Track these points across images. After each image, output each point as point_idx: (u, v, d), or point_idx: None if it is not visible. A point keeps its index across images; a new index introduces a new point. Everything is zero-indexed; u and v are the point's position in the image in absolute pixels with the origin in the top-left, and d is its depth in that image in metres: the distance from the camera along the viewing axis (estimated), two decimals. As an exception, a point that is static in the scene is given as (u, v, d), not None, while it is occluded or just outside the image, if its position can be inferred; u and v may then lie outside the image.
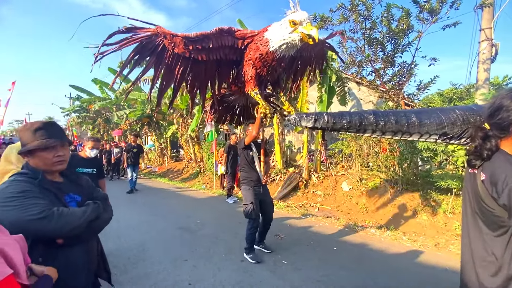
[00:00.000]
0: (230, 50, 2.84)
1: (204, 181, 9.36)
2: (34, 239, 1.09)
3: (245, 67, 2.88)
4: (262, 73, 2.89)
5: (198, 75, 2.90)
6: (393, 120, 1.36)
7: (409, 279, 2.83)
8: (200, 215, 5.25)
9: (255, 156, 3.38)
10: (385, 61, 5.73)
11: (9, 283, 0.77)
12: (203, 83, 3.04)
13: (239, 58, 2.97)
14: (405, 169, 5.46)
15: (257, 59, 2.76)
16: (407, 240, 4.01)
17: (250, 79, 2.89)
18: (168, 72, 2.69)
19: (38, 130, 1.17)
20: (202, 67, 2.85)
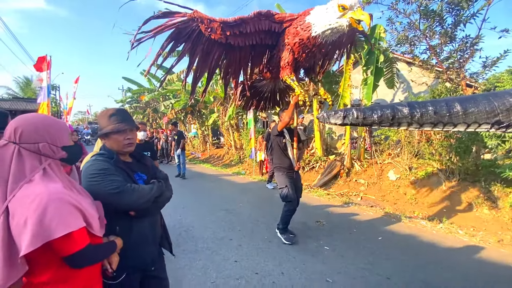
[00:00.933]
0: (267, 34, 2.78)
1: (244, 167, 9.65)
2: (112, 211, 1.28)
3: (282, 52, 2.81)
4: (300, 59, 2.81)
5: (232, 61, 2.90)
6: (431, 111, 1.24)
7: (466, 274, 2.62)
8: (241, 199, 5.48)
9: (288, 143, 3.36)
10: (443, 36, 5.10)
11: (82, 233, 0.98)
12: (237, 69, 3.03)
13: (274, 42, 2.90)
14: (464, 157, 4.90)
15: (296, 44, 2.67)
16: (464, 234, 3.67)
17: (287, 65, 2.82)
18: (203, 59, 2.70)
19: (112, 116, 1.35)
20: (237, 53, 2.82)
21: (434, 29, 5.29)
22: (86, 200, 1.09)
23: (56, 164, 1.04)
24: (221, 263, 2.84)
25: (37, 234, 0.85)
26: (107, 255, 1.14)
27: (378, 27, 6.34)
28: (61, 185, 0.98)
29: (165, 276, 1.54)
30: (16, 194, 0.90)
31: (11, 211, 0.88)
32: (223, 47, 2.70)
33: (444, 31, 5.08)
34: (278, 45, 2.88)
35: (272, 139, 3.56)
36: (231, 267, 2.76)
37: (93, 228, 1.03)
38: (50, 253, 0.93)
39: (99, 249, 1.08)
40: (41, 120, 1.04)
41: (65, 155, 1.05)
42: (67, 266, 0.97)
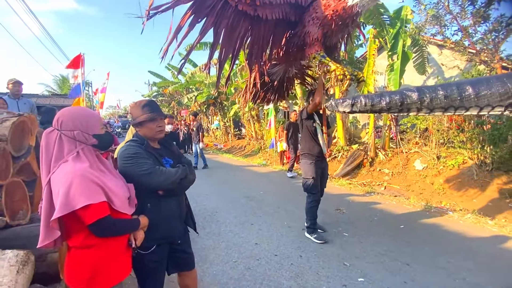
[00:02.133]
0: (291, 8, 2.61)
1: (265, 157, 9.78)
2: (143, 190, 1.45)
3: (308, 28, 2.63)
4: (330, 33, 2.67)
5: (256, 40, 2.71)
6: (442, 95, 1.25)
7: (492, 264, 2.55)
8: (262, 187, 5.63)
9: (318, 127, 3.13)
10: (475, 16, 4.71)
11: (102, 206, 1.12)
12: (259, 50, 2.82)
13: (297, 18, 2.72)
14: (499, 146, 4.60)
15: (328, 17, 2.52)
16: (493, 224, 3.51)
17: (315, 41, 2.65)
18: (228, 36, 2.49)
19: (145, 106, 1.51)
20: (262, 28, 2.64)
21: (466, 8, 4.90)
22: (115, 180, 1.27)
23: (88, 149, 1.22)
24: (242, 245, 3.02)
25: (64, 204, 1.05)
26: (129, 229, 1.29)
27: (404, 8, 6.02)
28: (88, 165, 1.16)
29: (191, 251, 1.71)
30: (56, 171, 1.12)
31: (52, 183, 1.11)
32: (249, 21, 2.48)
33: (477, 10, 4.69)
34: (302, 21, 2.70)
35: (301, 124, 3.29)
36: (252, 248, 2.93)
37: (115, 204, 1.19)
38: (78, 221, 1.13)
39: (120, 223, 1.23)
40: (77, 112, 1.25)
41: (96, 141, 1.24)
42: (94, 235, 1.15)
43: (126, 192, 1.31)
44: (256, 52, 2.80)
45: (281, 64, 3.47)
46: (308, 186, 3.12)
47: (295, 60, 3.39)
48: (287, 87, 4.08)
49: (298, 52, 3.08)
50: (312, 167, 3.12)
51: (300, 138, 3.41)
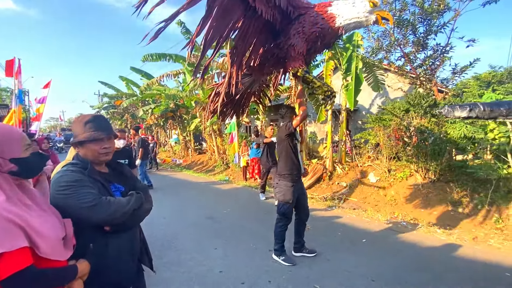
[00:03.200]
0: (280, 14, 2.53)
1: (227, 173, 9.53)
2: (85, 226, 1.17)
3: (293, 40, 2.58)
4: (313, 49, 2.71)
5: (243, 36, 2.54)
6: None
7: (445, 272, 2.71)
8: (226, 206, 5.37)
9: (298, 144, 2.98)
10: (416, 45, 5.39)
11: (21, 254, 0.85)
12: (242, 50, 2.63)
13: (280, 28, 2.65)
14: (438, 159, 5.15)
15: (314, 34, 2.54)
16: (441, 233, 3.82)
17: (300, 55, 2.62)
18: (219, 17, 2.29)
19: (88, 123, 1.25)
20: (251, 26, 2.50)
21: (408, 37, 5.57)
22: (44, 216, 0.98)
23: (4, 178, 0.94)
24: (206, 274, 2.73)
25: None
26: (62, 281, 0.99)
27: (355, 34, 6.58)
28: (3, 199, 0.88)
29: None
30: None
31: None
32: (243, 11, 2.36)
33: (417, 39, 5.37)
34: (287, 33, 2.61)
35: (281, 141, 3.00)
36: (216, 277, 2.66)
37: (41, 249, 0.90)
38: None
39: (48, 274, 0.94)
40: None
41: (15, 167, 0.96)
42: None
43: (60, 231, 1.02)
44: (238, 51, 2.62)
45: (251, 75, 3.26)
46: (285, 211, 2.93)
47: (266, 73, 3.31)
48: (244, 104, 3.80)
49: (275, 64, 2.98)
50: (292, 190, 2.91)
51: (279, 158, 3.05)
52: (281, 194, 2.96)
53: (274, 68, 3.24)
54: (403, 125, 5.79)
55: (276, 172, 3.10)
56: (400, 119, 5.76)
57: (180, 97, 11.49)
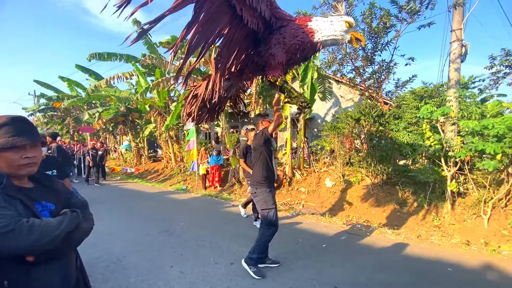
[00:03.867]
0: (263, 24, 2.57)
1: (185, 182, 9.06)
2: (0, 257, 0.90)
3: (274, 50, 2.66)
4: (292, 60, 2.82)
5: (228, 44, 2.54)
6: None
7: (399, 272, 2.88)
8: (183, 217, 5.03)
9: (273, 150, 3.01)
10: (365, 59, 5.87)
11: None
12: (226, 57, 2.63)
13: (262, 37, 2.70)
14: (385, 164, 5.63)
15: (294, 46, 2.66)
16: (391, 233, 4.12)
17: (279, 65, 2.71)
18: (205, 23, 2.24)
19: (3, 127, 0.97)
20: (236, 34, 2.50)
21: (358, 52, 6.06)
22: None
23: None
24: (160, 297, 2.44)
25: None
26: None
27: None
28: None
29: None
30: None
31: None
32: (230, 19, 2.34)
33: (366, 55, 5.86)
34: (268, 42, 2.68)
35: (257, 147, 2.93)
36: (172, 300, 2.40)
37: None
38: None
39: None
40: None
41: None
42: None
43: None
44: (223, 57, 2.60)
45: (230, 80, 3.27)
46: (272, 218, 2.79)
47: (245, 80, 3.36)
48: (219, 108, 3.82)
49: (254, 72, 3.03)
50: (272, 194, 2.85)
51: (255, 165, 2.98)
52: (262, 202, 2.85)
53: (253, 75, 3.31)
54: (355, 133, 6.22)
55: (251, 181, 3.02)
56: (352, 127, 6.18)
57: (132, 101, 10.67)
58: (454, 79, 5.94)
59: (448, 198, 4.52)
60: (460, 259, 3.22)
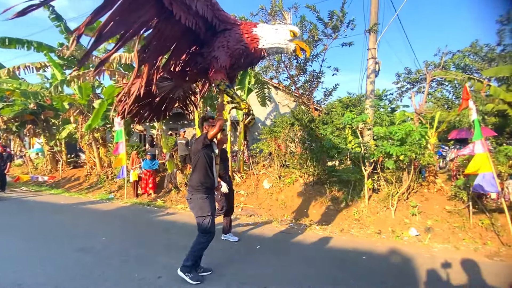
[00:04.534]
0: (204, 25, 2.50)
1: (113, 189, 8.11)
2: None
3: (217, 53, 2.60)
4: (236, 65, 2.75)
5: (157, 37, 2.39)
6: None
7: (323, 264, 3.12)
8: (106, 231, 4.45)
9: (214, 157, 2.88)
10: (298, 69, 6.29)
11: None
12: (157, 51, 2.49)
13: (205, 39, 2.64)
14: (316, 165, 6.12)
15: (238, 51, 2.62)
16: (319, 229, 4.47)
17: (222, 68, 2.64)
18: (124, 11, 2.03)
19: None
20: (168, 29, 2.36)
21: (292, 62, 6.47)
22: None
23: None
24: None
25: None
26: None
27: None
28: None
29: None
30: None
31: None
32: (157, 11, 2.18)
33: (299, 64, 6.30)
34: (212, 44, 2.64)
35: (196, 152, 2.84)
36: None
37: None
38: None
39: None
40: None
41: None
42: None
43: None
44: (152, 51, 2.44)
45: (172, 80, 3.11)
46: (207, 225, 2.69)
47: (189, 81, 3.18)
48: (166, 108, 3.67)
49: (197, 74, 2.89)
50: (208, 202, 2.75)
51: (193, 170, 2.90)
52: (197, 209, 2.73)
53: (197, 77, 3.18)
54: (290, 137, 6.60)
55: (188, 187, 2.91)
56: (287, 131, 6.54)
57: (45, 96, 9.06)
58: (370, 91, 6.89)
59: (366, 194, 5.17)
60: (372, 247, 3.70)
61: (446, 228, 4.27)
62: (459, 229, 4.21)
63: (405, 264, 3.18)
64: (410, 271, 2.98)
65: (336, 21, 5.64)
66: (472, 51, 7.58)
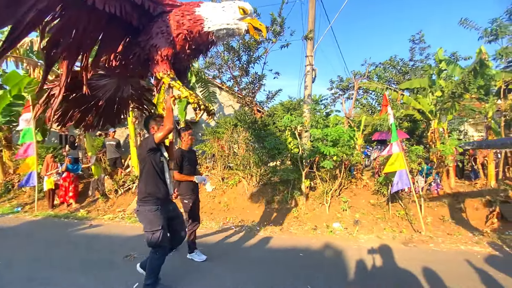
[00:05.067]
0: (134, 9, 2.08)
1: (21, 200, 6.71)
2: None
3: (156, 41, 2.22)
4: (183, 56, 2.36)
5: (70, 26, 1.95)
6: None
7: (263, 265, 3.10)
8: (5, 253, 3.60)
9: (165, 162, 2.50)
10: (241, 70, 6.28)
11: None
12: (74, 44, 2.06)
13: (141, 26, 2.24)
14: (259, 166, 6.17)
15: (181, 36, 2.23)
16: (260, 230, 4.47)
17: (164, 59, 2.25)
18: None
19: None
20: (84, 16, 1.93)
21: (235, 62, 6.42)
22: None
23: None
24: None
25: None
26: None
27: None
28: None
29: None
30: None
31: None
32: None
33: (242, 65, 6.29)
34: (149, 31, 2.25)
35: (142, 158, 2.47)
36: None
37: None
38: None
39: None
40: None
41: None
42: None
43: None
44: (66, 46, 2.01)
45: (113, 78, 2.65)
46: (156, 240, 2.32)
47: (133, 76, 2.73)
48: (119, 110, 3.14)
49: (139, 67, 2.49)
50: (158, 214, 2.38)
51: (140, 178, 2.53)
52: (146, 223, 2.38)
53: (141, 71, 2.67)
54: (233, 138, 6.52)
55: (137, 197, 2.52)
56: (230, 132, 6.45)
57: None
58: (307, 96, 7.32)
59: (304, 192, 5.43)
60: (309, 243, 3.86)
61: (371, 219, 4.78)
62: (381, 220, 4.75)
63: (337, 257, 3.39)
64: (341, 264, 3.19)
65: (276, 26, 5.82)
66: (391, 64, 8.83)
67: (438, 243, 3.87)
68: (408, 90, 7.87)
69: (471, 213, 4.82)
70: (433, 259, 3.28)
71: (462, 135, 8.49)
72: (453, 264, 3.16)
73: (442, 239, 4.01)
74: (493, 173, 5.77)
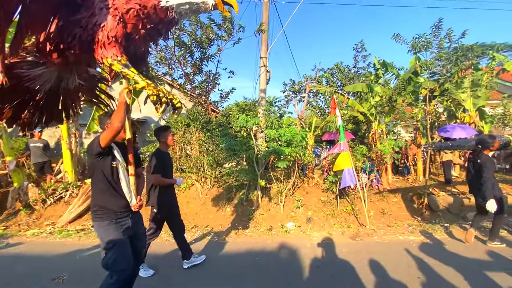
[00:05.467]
0: None
1: None
2: None
3: (101, 18, 1.78)
4: (135, 35, 1.88)
5: None
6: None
7: (219, 272, 2.94)
8: None
9: (121, 167, 2.07)
10: (194, 67, 5.98)
11: None
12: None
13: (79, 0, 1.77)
14: (214, 168, 5.96)
15: (132, 12, 1.79)
16: (214, 235, 4.28)
17: (112, 40, 1.79)
18: None
19: None
20: None
21: (187, 59, 6.09)
22: None
23: None
24: None
25: None
26: None
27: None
28: None
29: None
30: None
31: None
32: None
33: (194, 62, 5.99)
34: (91, 6, 1.79)
35: (90, 163, 2.09)
36: None
37: None
38: None
39: None
40: None
41: None
42: None
43: None
44: None
45: (51, 66, 2.09)
46: (111, 261, 1.95)
47: (78, 63, 2.16)
48: (67, 104, 2.54)
49: (82, 51, 1.95)
50: (112, 230, 2.01)
51: (93, 187, 2.13)
52: (100, 240, 2.04)
53: (86, 57, 2.07)
54: (186, 139, 6.17)
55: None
56: (182, 132, 6.09)
57: None
58: (261, 97, 7.37)
59: (259, 193, 5.41)
60: (264, 245, 3.83)
61: (322, 216, 4.99)
62: (331, 216, 5.00)
63: (291, 257, 3.42)
64: (295, 263, 3.22)
65: (228, 23, 5.70)
66: (338, 69, 9.48)
67: (380, 235, 4.22)
68: (352, 94, 8.53)
69: (405, 205, 5.41)
70: (377, 251, 3.54)
71: (396, 136, 9.59)
72: (394, 254, 3.46)
73: (384, 231, 4.40)
74: (421, 169, 6.61)
